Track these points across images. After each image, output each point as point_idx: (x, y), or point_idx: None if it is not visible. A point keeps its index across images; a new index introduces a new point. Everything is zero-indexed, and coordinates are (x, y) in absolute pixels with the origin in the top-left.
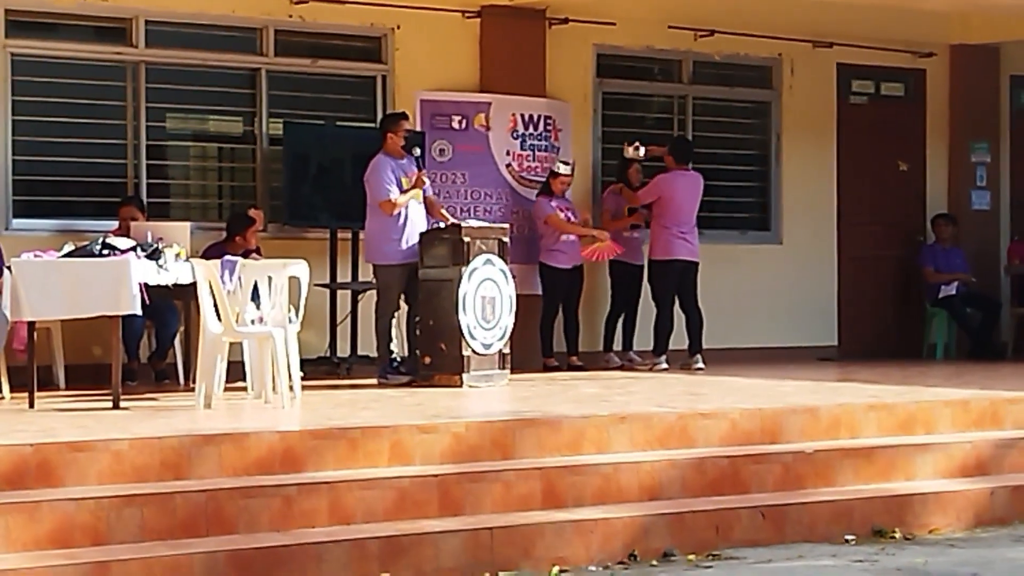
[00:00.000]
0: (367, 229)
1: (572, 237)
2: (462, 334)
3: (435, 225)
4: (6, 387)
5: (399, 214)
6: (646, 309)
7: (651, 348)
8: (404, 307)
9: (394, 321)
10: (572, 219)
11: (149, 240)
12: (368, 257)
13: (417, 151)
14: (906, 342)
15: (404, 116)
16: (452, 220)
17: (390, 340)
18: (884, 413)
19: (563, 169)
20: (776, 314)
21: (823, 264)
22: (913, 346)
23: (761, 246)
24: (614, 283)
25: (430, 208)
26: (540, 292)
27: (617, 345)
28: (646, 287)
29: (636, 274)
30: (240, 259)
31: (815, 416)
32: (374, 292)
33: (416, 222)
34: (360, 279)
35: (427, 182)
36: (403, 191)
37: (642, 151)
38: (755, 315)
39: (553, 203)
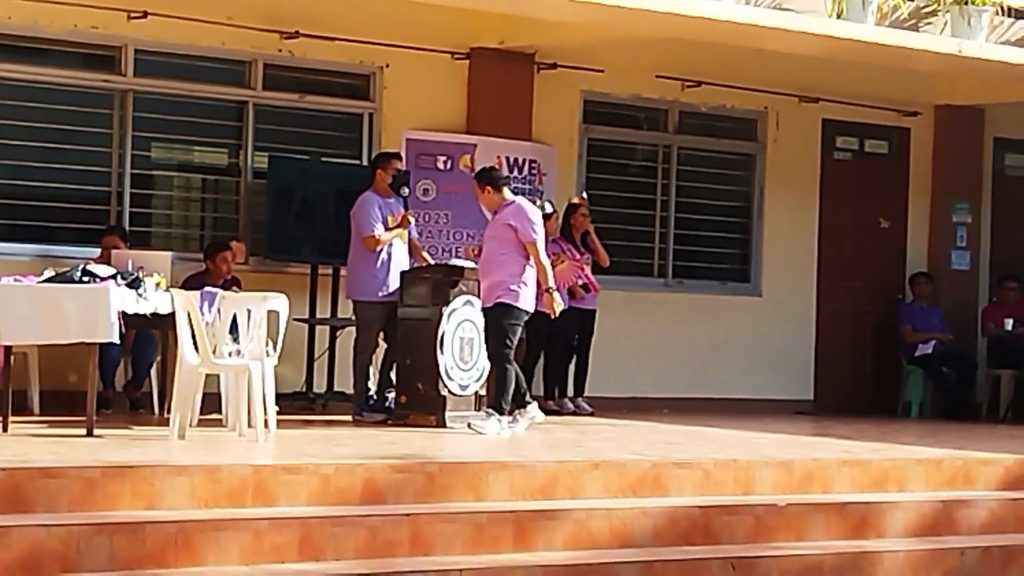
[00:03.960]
0: (349, 265)
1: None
2: (439, 374)
3: (415, 267)
4: None
5: (382, 251)
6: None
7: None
8: (382, 345)
9: (372, 359)
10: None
11: (130, 269)
12: (349, 293)
13: (406, 191)
14: (882, 399)
15: (397, 156)
16: (431, 263)
17: (367, 377)
18: (857, 469)
19: (548, 209)
20: (753, 366)
21: (802, 318)
22: (888, 403)
23: (741, 298)
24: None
25: (412, 251)
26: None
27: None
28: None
29: (586, 318)
30: (220, 291)
31: (788, 469)
32: (353, 328)
33: (399, 262)
34: (339, 315)
35: (412, 222)
36: (388, 229)
37: (585, 196)
38: (732, 366)
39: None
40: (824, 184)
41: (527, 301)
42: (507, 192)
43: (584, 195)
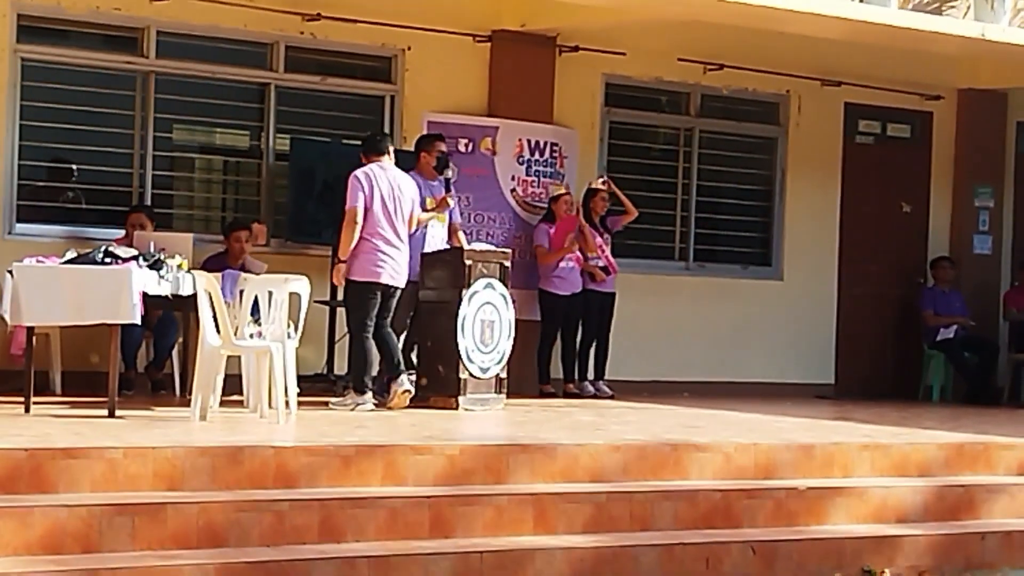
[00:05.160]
0: None
1: (572, 264)
2: (460, 357)
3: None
4: None
5: (418, 232)
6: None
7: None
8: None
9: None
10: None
11: (151, 250)
12: None
13: (449, 173)
14: (903, 383)
15: (439, 137)
16: (465, 246)
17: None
18: (878, 453)
19: (562, 191)
20: (774, 350)
21: (823, 302)
22: (910, 387)
23: (762, 281)
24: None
25: (451, 232)
26: (539, 318)
27: (588, 373)
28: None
29: (605, 301)
30: (241, 273)
31: (809, 453)
32: None
33: (435, 244)
34: None
35: (452, 204)
36: (426, 210)
37: (601, 181)
38: (753, 350)
39: (552, 230)
40: (846, 168)
41: (366, 273)
42: (380, 160)
43: (602, 179)
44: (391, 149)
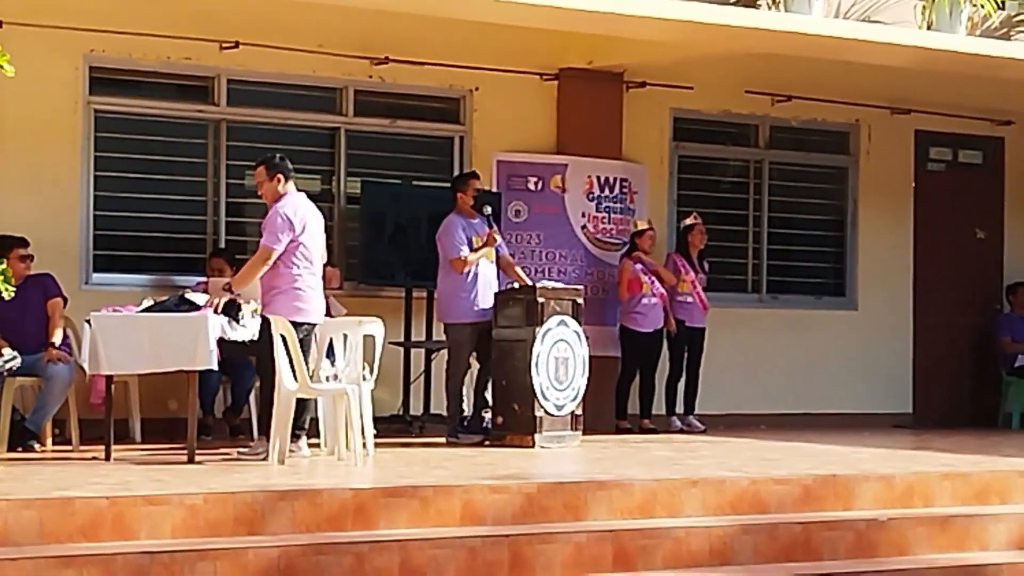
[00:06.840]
0: (439, 288)
1: (654, 300)
2: (535, 394)
3: (509, 285)
4: (76, 438)
5: (469, 272)
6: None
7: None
8: (474, 366)
9: (466, 380)
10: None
11: None
12: (440, 316)
13: (488, 209)
14: (981, 411)
15: (473, 175)
16: (527, 281)
17: (461, 399)
18: (959, 482)
19: (644, 225)
20: (850, 380)
21: (898, 331)
22: (988, 415)
23: (836, 312)
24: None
25: (505, 268)
26: (613, 354)
27: (677, 408)
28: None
29: (695, 336)
30: None
31: (889, 483)
32: (446, 351)
33: (487, 281)
34: (434, 338)
35: (498, 240)
36: (474, 249)
37: (692, 217)
38: (829, 381)
39: (637, 266)
40: (918, 195)
41: (281, 310)
42: (286, 186)
43: (693, 215)
44: None
